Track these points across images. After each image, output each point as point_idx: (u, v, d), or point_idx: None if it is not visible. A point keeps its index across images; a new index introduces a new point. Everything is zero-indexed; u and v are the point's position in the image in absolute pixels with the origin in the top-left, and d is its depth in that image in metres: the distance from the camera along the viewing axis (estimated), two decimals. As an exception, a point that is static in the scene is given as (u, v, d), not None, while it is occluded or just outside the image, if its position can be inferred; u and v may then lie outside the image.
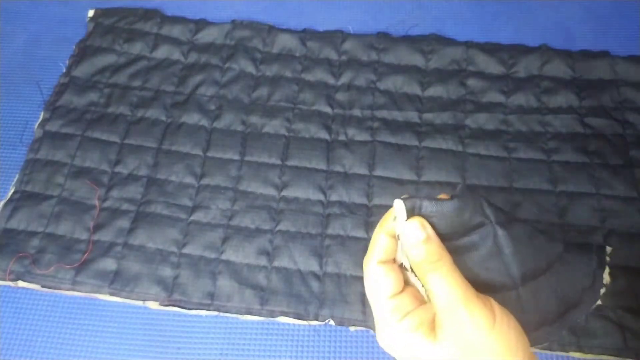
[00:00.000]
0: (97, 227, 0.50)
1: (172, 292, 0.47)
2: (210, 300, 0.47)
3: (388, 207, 0.33)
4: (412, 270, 0.27)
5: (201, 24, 0.63)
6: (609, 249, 0.36)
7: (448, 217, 0.28)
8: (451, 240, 0.28)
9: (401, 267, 0.29)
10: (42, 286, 0.47)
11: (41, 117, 0.56)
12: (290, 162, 0.54)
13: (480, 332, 0.23)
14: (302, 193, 0.52)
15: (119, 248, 0.49)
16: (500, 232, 0.30)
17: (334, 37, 0.62)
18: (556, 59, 0.60)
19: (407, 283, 0.28)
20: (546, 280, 0.32)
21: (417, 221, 0.26)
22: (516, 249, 0.30)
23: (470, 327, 0.23)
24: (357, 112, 0.57)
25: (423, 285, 0.26)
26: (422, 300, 0.27)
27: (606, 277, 0.37)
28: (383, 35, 0.62)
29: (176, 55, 0.61)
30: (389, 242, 0.28)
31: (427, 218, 0.28)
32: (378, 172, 0.53)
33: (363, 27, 0.64)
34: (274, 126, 0.56)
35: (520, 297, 0.30)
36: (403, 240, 0.26)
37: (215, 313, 0.47)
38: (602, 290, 0.34)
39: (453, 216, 0.28)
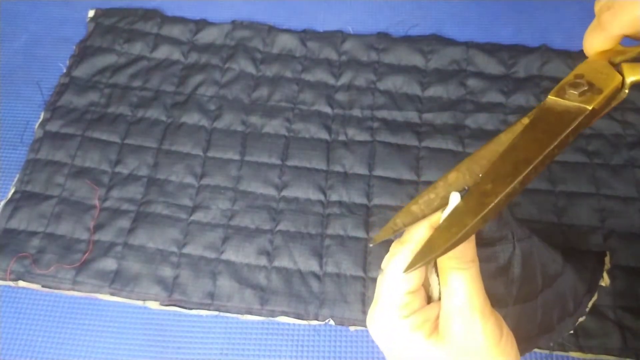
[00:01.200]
0: (98, 227, 0.50)
1: (172, 292, 0.47)
2: (211, 300, 0.47)
3: (388, 207, 0.33)
4: (435, 266, 0.26)
5: (201, 24, 0.63)
6: (607, 258, 0.36)
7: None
8: (477, 246, 0.27)
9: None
10: (43, 286, 0.47)
11: (41, 117, 0.56)
12: (290, 162, 0.54)
13: (488, 344, 0.23)
14: (302, 193, 0.52)
15: (119, 248, 0.49)
16: (517, 250, 0.30)
17: (334, 37, 0.62)
18: (556, 59, 0.60)
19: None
20: (531, 305, 0.32)
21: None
22: (522, 271, 0.30)
23: (481, 336, 0.23)
24: (357, 112, 0.57)
25: (440, 283, 0.26)
26: (426, 299, 0.26)
27: (605, 279, 0.37)
28: (383, 36, 0.62)
29: (176, 55, 0.61)
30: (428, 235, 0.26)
31: None
32: (378, 172, 0.53)
33: (363, 27, 0.64)
34: (274, 126, 0.56)
35: (507, 315, 0.30)
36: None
37: (216, 313, 0.47)
38: (594, 299, 0.35)
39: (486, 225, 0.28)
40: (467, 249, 0.25)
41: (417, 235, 0.26)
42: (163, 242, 0.49)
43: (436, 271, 0.26)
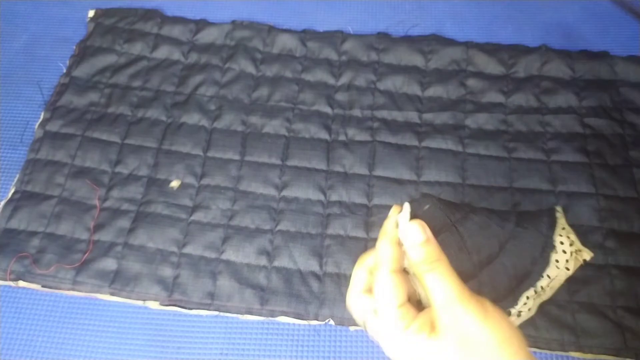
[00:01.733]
0: (98, 227, 0.50)
1: (172, 292, 0.47)
2: (211, 300, 0.47)
3: (388, 207, 0.34)
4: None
5: (201, 24, 0.63)
6: (559, 208, 0.37)
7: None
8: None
9: (405, 270, 0.30)
10: (43, 286, 0.47)
11: (42, 117, 0.56)
12: (290, 162, 0.54)
13: (475, 324, 0.25)
14: (302, 193, 0.52)
15: (119, 248, 0.49)
16: (460, 228, 0.33)
17: (334, 37, 0.62)
18: (556, 59, 0.60)
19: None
20: (499, 261, 0.34)
21: (417, 224, 0.28)
22: (472, 241, 0.33)
23: (465, 320, 0.25)
24: (357, 112, 0.57)
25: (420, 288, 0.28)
26: (419, 305, 0.29)
27: (587, 252, 0.37)
28: (383, 36, 0.62)
29: (176, 55, 0.61)
30: (395, 250, 0.29)
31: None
32: (378, 172, 0.53)
33: (363, 27, 0.64)
34: (274, 126, 0.56)
35: (480, 283, 0.32)
36: (403, 241, 0.28)
37: (216, 313, 0.47)
38: (554, 255, 0.35)
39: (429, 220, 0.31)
40: (429, 251, 0.27)
41: (387, 253, 0.29)
42: (163, 242, 0.49)
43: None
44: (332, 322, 0.46)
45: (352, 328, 0.46)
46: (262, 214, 0.51)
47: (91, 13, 0.64)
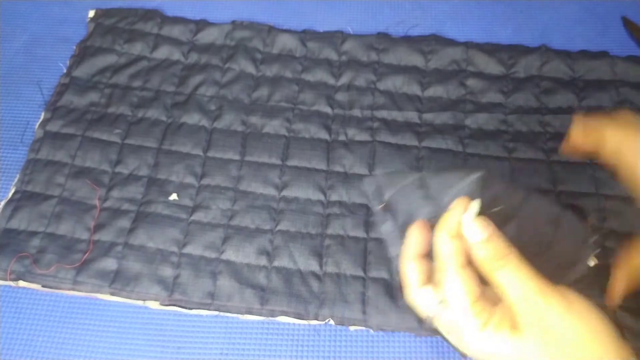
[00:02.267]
0: (98, 227, 0.50)
1: (172, 292, 0.47)
2: (211, 300, 0.47)
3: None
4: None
5: (201, 24, 0.63)
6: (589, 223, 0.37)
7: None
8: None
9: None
10: (43, 286, 0.47)
11: (42, 117, 0.56)
12: (290, 162, 0.54)
13: (558, 316, 0.24)
14: (302, 193, 0.52)
15: (120, 248, 0.49)
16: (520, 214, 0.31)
17: (334, 37, 0.62)
18: (555, 59, 0.60)
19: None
20: (551, 249, 0.32)
21: (478, 221, 0.27)
22: (529, 227, 0.31)
23: (548, 313, 0.24)
24: (357, 112, 0.57)
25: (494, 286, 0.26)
26: (494, 301, 0.27)
27: (593, 259, 0.37)
28: (383, 36, 0.62)
29: (176, 55, 0.61)
30: (459, 244, 0.27)
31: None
32: (378, 172, 0.53)
33: (363, 27, 0.64)
34: (274, 126, 0.56)
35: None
36: (468, 239, 0.27)
37: (216, 313, 0.47)
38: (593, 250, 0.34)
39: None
40: (496, 247, 0.26)
41: (450, 249, 0.27)
42: (163, 242, 0.49)
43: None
44: (332, 322, 0.46)
45: (352, 328, 0.46)
46: (262, 214, 0.51)
47: (91, 13, 0.64)
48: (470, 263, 0.27)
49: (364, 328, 0.46)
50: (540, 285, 0.25)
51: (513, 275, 0.25)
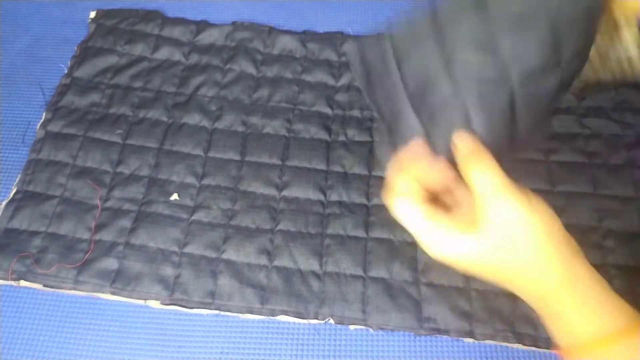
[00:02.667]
0: (99, 227, 0.50)
1: (173, 291, 0.47)
2: (211, 299, 0.47)
3: (387, 207, 0.33)
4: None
5: (202, 25, 0.63)
6: None
7: None
8: None
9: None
10: (44, 285, 0.48)
11: (43, 117, 0.57)
12: (291, 163, 0.54)
13: (518, 211, 0.26)
14: (302, 193, 0.52)
15: (121, 247, 0.49)
16: None
17: (334, 38, 0.62)
18: (555, 60, 0.60)
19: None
20: None
21: (462, 135, 0.28)
22: None
23: (509, 207, 0.26)
24: (356, 112, 0.57)
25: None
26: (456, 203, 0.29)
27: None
28: (383, 37, 0.63)
29: (177, 56, 0.61)
30: (414, 184, 0.29)
31: None
32: (378, 172, 0.53)
33: (363, 28, 0.64)
34: (275, 127, 0.56)
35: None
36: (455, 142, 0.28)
37: (216, 312, 0.47)
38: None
39: None
40: (473, 144, 0.28)
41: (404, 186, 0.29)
42: (164, 242, 0.49)
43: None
44: (332, 321, 0.46)
45: (351, 327, 0.47)
46: (263, 214, 0.51)
47: (92, 14, 0.65)
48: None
49: (363, 327, 0.46)
50: (507, 184, 0.26)
51: (484, 172, 0.27)
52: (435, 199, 0.29)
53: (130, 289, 0.47)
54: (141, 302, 0.47)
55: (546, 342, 0.45)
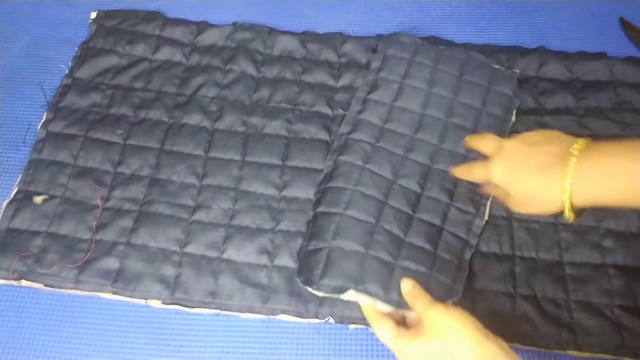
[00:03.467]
0: (100, 227, 0.50)
1: (174, 291, 0.47)
2: (212, 299, 0.47)
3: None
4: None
5: (202, 26, 0.64)
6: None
7: None
8: None
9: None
10: (45, 285, 0.48)
11: (44, 117, 0.57)
12: (291, 163, 0.54)
13: (441, 317, 0.38)
14: (302, 193, 0.52)
15: (122, 247, 0.49)
16: None
17: (334, 39, 0.63)
18: (554, 60, 0.61)
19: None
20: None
21: (405, 281, 0.44)
22: None
23: (435, 316, 0.38)
24: (357, 113, 0.57)
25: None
26: (411, 324, 0.43)
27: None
28: (382, 38, 0.63)
29: (178, 57, 0.61)
30: (380, 318, 0.43)
31: None
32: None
33: (363, 29, 0.65)
34: (275, 127, 0.56)
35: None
36: (402, 289, 0.44)
37: (217, 311, 0.47)
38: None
39: None
40: (415, 291, 0.43)
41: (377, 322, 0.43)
42: (165, 242, 0.49)
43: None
44: (331, 320, 0.47)
45: (351, 326, 0.47)
46: (263, 214, 0.51)
47: (93, 15, 0.65)
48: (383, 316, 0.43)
49: (363, 326, 0.47)
50: (432, 304, 0.39)
51: (421, 303, 0.40)
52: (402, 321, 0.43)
53: (131, 289, 0.47)
54: (142, 301, 0.48)
55: (545, 341, 0.45)
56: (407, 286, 0.43)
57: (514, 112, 0.56)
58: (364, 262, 0.45)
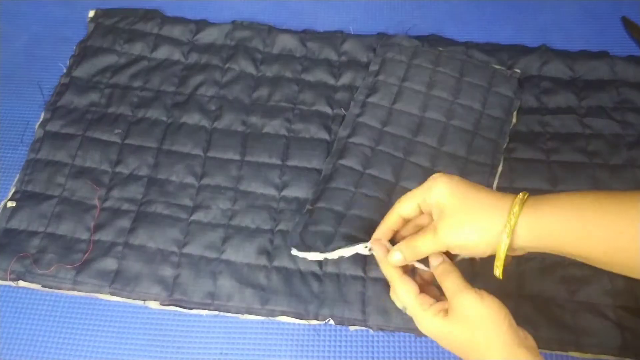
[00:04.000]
0: (98, 227, 0.50)
1: (172, 292, 0.47)
2: (211, 300, 0.47)
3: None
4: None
5: (201, 24, 0.63)
6: None
7: None
8: None
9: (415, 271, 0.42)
10: (43, 286, 0.48)
11: (42, 117, 0.56)
12: (291, 162, 0.54)
13: (473, 306, 0.36)
14: (302, 193, 0.52)
15: (120, 248, 0.49)
16: None
17: (334, 37, 0.62)
18: (555, 59, 0.60)
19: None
20: None
21: (434, 255, 0.40)
22: None
23: (466, 304, 0.36)
24: (357, 112, 0.57)
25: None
26: (436, 298, 0.39)
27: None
28: (383, 36, 0.62)
29: (177, 55, 0.61)
30: (395, 271, 0.41)
31: None
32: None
33: (363, 27, 0.64)
34: (274, 126, 0.56)
35: None
36: (431, 263, 0.40)
37: (216, 313, 0.47)
38: None
39: None
40: (444, 266, 0.39)
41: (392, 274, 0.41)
42: (163, 242, 0.49)
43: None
44: (332, 321, 0.46)
45: (351, 328, 0.47)
46: (262, 214, 0.51)
47: (91, 13, 0.64)
48: (405, 272, 0.40)
49: (363, 328, 0.46)
50: (466, 289, 0.36)
51: (451, 284, 0.37)
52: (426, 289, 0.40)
53: (129, 290, 0.47)
54: (140, 302, 0.47)
55: (546, 342, 0.45)
56: (437, 260, 0.40)
57: (515, 113, 0.56)
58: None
